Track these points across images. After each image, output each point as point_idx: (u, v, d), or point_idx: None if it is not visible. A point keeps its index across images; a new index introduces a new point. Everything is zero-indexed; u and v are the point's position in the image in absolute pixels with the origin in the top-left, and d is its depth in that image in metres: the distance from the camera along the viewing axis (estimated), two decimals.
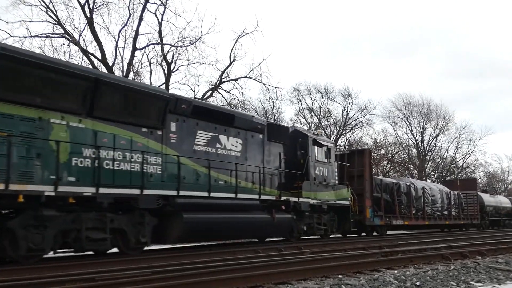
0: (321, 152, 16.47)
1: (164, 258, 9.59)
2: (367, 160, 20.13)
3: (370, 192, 19.78)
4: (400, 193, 22.25)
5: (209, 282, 5.99)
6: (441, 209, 26.12)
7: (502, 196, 42.58)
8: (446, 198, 26.97)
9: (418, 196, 23.73)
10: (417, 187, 24.04)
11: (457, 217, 27.76)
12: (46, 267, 8.00)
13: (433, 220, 24.93)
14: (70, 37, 23.25)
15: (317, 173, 16.07)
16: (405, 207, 22.48)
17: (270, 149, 14.66)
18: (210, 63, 27.05)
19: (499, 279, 7.68)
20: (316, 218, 15.94)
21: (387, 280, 6.95)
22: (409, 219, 22.51)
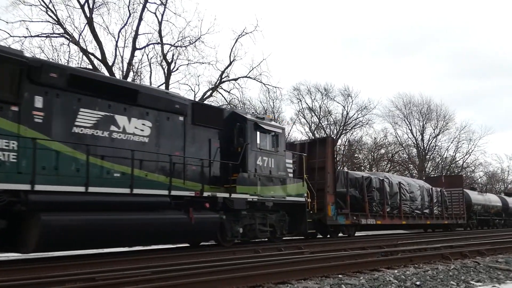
0: (266, 139, 13.82)
1: (164, 258, 9.59)
2: (330, 150, 17.61)
3: (333, 186, 17.33)
4: (371, 188, 19.77)
5: (209, 282, 5.99)
6: (421, 207, 23.46)
7: (491, 194, 40.38)
8: (427, 195, 24.29)
9: (393, 193, 21.07)
10: (392, 182, 21.36)
11: (440, 216, 25.28)
12: (46, 267, 8.00)
13: (411, 220, 22.34)
14: (70, 37, 23.27)
15: (259, 164, 13.33)
16: (377, 204, 19.94)
17: (195, 134, 12.00)
18: (210, 63, 27.08)
19: (499, 279, 7.68)
20: (259, 218, 13.41)
21: (387, 280, 6.96)
22: (382, 218, 20.01)
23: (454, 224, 27.31)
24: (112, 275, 6.66)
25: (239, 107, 29.52)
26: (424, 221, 23.62)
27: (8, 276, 6.79)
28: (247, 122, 13.20)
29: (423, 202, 23.71)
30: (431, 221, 24.14)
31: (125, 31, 24.85)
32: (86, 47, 23.82)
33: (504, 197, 38.43)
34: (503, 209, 36.18)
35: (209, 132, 12.48)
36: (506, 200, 37.59)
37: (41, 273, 7.30)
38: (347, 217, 17.85)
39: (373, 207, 19.55)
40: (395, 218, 20.99)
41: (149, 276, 6.51)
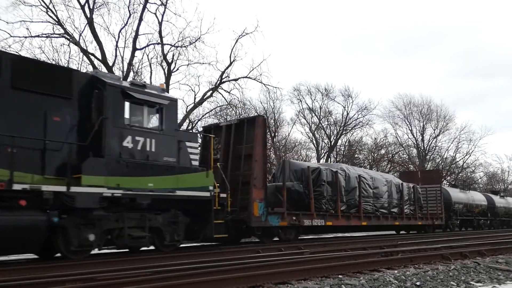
0: (143, 113, 10.56)
1: (164, 258, 9.58)
2: (259, 132, 13.88)
3: (262, 179, 13.79)
4: (320, 182, 16.21)
5: (209, 282, 5.99)
6: (389, 206, 20.04)
7: (476, 192, 37.48)
8: (396, 191, 20.79)
9: (351, 187, 17.68)
10: (349, 175, 17.85)
11: (412, 216, 21.98)
12: (46, 267, 8.00)
13: (374, 220, 18.88)
14: (70, 37, 23.27)
15: (127, 145, 9.94)
16: (328, 201, 16.43)
17: (17, 103, 8.83)
18: (210, 63, 27.13)
19: (499, 279, 7.68)
20: (133, 220, 10.16)
21: (387, 280, 6.96)
22: (334, 218, 16.53)
23: (430, 225, 24.22)
24: (112, 275, 6.66)
25: (240, 107, 29.45)
26: (392, 222, 20.26)
27: (8, 276, 6.79)
28: (107, 88, 9.85)
29: (391, 200, 20.26)
30: (400, 221, 20.86)
31: (125, 31, 24.89)
32: (86, 47, 23.85)
33: (489, 195, 35.71)
34: (488, 208, 33.39)
35: (45, 101, 9.25)
36: (492, 198, 34.86)
37: (41, 273, 7.30)
38: (283, 217, 14.30)
39: (322, 204, 16.06)
40: (353, 219, 17.56)
41: (149, 276, 6.51)
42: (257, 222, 13.42)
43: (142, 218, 10.36)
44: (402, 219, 20.98)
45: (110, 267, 8.03)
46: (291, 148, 42.35)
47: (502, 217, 35.77)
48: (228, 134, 14.35)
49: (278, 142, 41.62)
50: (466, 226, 31.02)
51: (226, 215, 12.25)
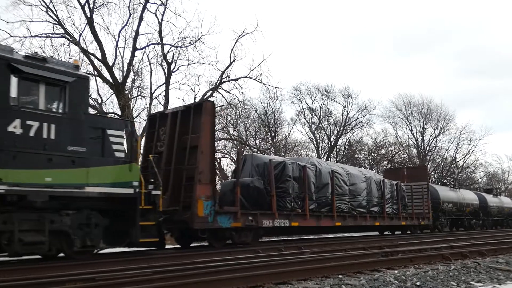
0: (39, 91, 8.64)
1: (164, 258, 9.59)
2: (207, 120, 12.12)
3: (210, 173, 11.96)
4: (285, 177, 14.30)
5: (209, 282, 5.98)
6: (368, 205, 18.29)
7: (467, 190, 35.71)
8: (376, 189, 19.04)
9: (322, 184, 15.89)
10: (320, 170, 16.04)
11: (395, 215, 20.20)
12: (46, 267, 8.00)
13: (351, 220, 17.08)
14: (70, 37, 23.30)
15: (12, 130, 8.15)
16: (294, 199, 14.56)
17: None
18: (210, 63, 27.14)
19: (499, 279, 7.67)
20: (22, 222, 8.32)
21: (387, 280, 6.95)
22: (301, 219, 14.73)
23: (416, 225, 22.60)
24: (112, 275, 6.66)
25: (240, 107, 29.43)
26: (371, 222, 18.44)
27: (8, 276, 6.79)
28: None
29: (370, 198, 18.45)
30: (381, 222, 19.09)
31: (126, 31, 24.90)
32: (86, 47, 23.86)
33: (482, 194, 34.06)
34: (480, 207, 31.79)
35: None
36: (485, 197, 33.23)
37: (41, 273, 7.29)
38: (236, 218, 12.48)
39: (287, 203, 14.25)
40: (324, 219, 15.74)
41: (149, 276, 6.51)
42: (202, 223, 11.51)
43: (41, 219, 8.47)
44: (384, 219, 19.18)
45: (110, 267, 8.03)
46: (291, 148, 42.35)
47: (495, 216, 34.44)
48: (173, 123, 12.40)
49: (278, 142, 41.64)
50: (457, 226, 29.71)
51: (159, 216, 10.42)
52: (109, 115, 24.44)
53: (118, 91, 23.67)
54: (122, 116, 23.28)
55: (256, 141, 38.65)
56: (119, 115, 24.05)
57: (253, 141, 38.27)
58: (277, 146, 39.52)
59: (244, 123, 37.93)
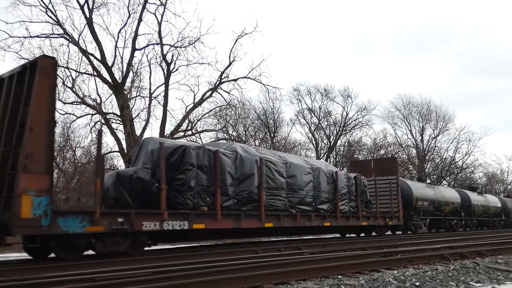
0: None
1: (164, 258, 9.58)
2: (42, 84, 8.37)
3: (45, 158, 8.31)
4: (185, 166, 10.98)
5: (209, 282, 5.99)
6: (314, 201, 15.02)
7: (447, 187, 33.06)
8: (327, 183, 15.80)
9: (245, 175, 12.46)
10: (242, 157, 12.58)
11: (354, 214, 17.04)
12: (46, 267, 8.00)
13: (288, 220, 13.62)
14: (69, 38, 23.31)
15: None
16: (199, 194, 11.16)
17: None
18: (209, 63, 27.06)
19: (498, 280, 7.68)
20: None
21: (386, 281, 6.96)
22: (209, 219, 11.18)
23: (382, 226, 19.64)
24: (112, 275, 6.66)
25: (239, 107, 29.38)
26: (319, 222, 15.09)
27: (8, 276, 6.79)
28: None
29: (318, 193, 15.23)
30: (333, 222, 15.77)
31: (125, 31, 24.92)
32: (85, 47, 23.88)
33: (464, 192, 31.16)
34: (462, 206, 28.68)
35: None
36: (468, 195, 30.27)
37: (41, 273, 7.30)
38: (93, 220, 8.97)
39: (187, 199, 10.89)
40: (247, 219, 12.24)
41: (149, 276, 6.51)
42: (29, 227, 8.03)
43: None
44: (336, 218, 15.90)
45: (110, 267, 8.02)
46: (290, 149, 42.37)
47: (480, 216, 31.54)
48: (8, 90, 8.96)
49: (277, 142, 41.65)
50: (437, 227, 27.09)
51: None
52: (108, 115, 24.47)
53: (117, 91, 23.68)
54: (121, 116, 23.30)
55: (256, 142, 38.67)
56: (118, 115, 24.07)
57: (253, 141, 38.29)
58: (277, 147, 39.54)
59: (244, 123, 37.96)
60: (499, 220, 34.84)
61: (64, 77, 23.63)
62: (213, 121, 30.77)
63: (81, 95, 24.37)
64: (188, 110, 26.73)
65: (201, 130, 28.38)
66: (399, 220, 20.27)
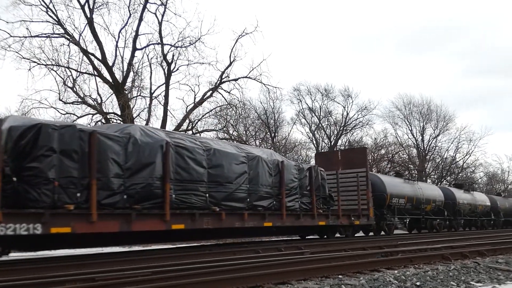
0: None
1: (164, 258, 9.59)
2: None
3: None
4: (40, 151, 8.31)
5: (209, 282, 5.99)
6: (249, 197, 12.32)
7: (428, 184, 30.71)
8: (269, 174, 13.09)
9: (141, 163, 9.83)
10: (138, 141, 9.91)
11: (306, 212, 14.37)
12: (46, 267, 8.00)
13: (210, 220, 11.08)
14: (70, 37, 23.28)
15: None
16: (64, 188, 8.48)
17: None
18: (210, 63, 27.01)
19: (499, 279, 7.68)
20: None
21: (387, 280, 6.96)
22: (78, 220, 8.53)
23: (347, 226, 17.07)
24: (112, 275, 6.66)
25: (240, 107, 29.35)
26: (256, 222, 12.48)
27: (8, 276, 6.79)
28: None
29: (255, 187, 12.56)
30: (276, 221, 13.12)
31: (125, 31, 24.88)
32: (86, 47, 23.85)
33: (449, 189, 28.65)
34: (446, 205, 26.23)
35: None
36: (453, 193, 27.76)
37: (41, 273, 7.29)
38: None
39: (42, 194, 8.23)
40: (143, 219, 9.60)
41: (149, 276, 6.51)
42: None
43: None
44: (281, 217, 13.23)
45: (110, 267, 8.03)
46: (291, 148, 42.39)
47: (467, 216, 29.06)
48: None
49: (278, 142, 41.66)
50: (418, 228, 24.60)
51: None
52: (109, 115, 24.47)
53: (118, 91, 23.67)
54: (122, 116, 23.29)
55: (256, 141, 38.68)
56: (119, 115, 24.06)
57: (253, 141, 38.29)
58: (277, 146, 39.55)
59: (244, 123, 37.95)
60: (488, 220, 32.34)
61: (64, 77, 23.67)
62: (213, 121, 30.77)
63: (81, 95, 24.39)
64: (188, 110, 26.74)
65: (202, 130, 28.37)
66: (369, 219, 17.74)
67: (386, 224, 20.50)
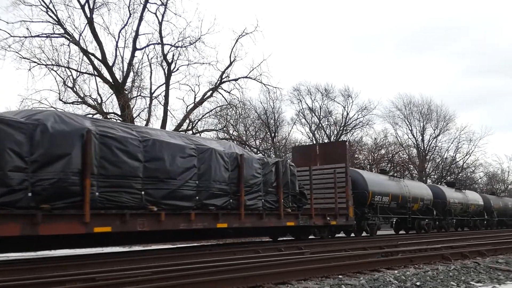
0: None
1: (164, 258, 9.59)
2: None
3: None
4: None
5: (209, 282, 5.99)
6: (199, 194, 10.86)
7: (416, 181, 29.24)
8: (225, 169, 11.62)
9: (52, 155, 8.28)
10: (49, 128, 8.35)
11: (271, 211, 12.91)
12: (46, 267, 8.00)
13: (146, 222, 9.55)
14: (70, 37, 23.29)
15: None
16: None
17: None
18: (210, 63, 27.00)
19: (499, 279, 7.68)
20: None
21: (387, 280, 6.95)
22: None
23: (322, 227, 15.48)
24: (112, 275, 6.66)
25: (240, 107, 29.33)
26: (206, 223, 11.00)
27: (8, 276, 6.79)
28: None
29: (206, 184, 11.07)
30: (233, 222, 11.71)
31: (126, 31, 24.89)
32: (86, 47, 23.86)
33: (439, 187, 27.38)
34: (435, 204, 24.68)
35: None
36: (443, 192, 26.21)
37: (41, 273, 7.29)
38: None
39: None
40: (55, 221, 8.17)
41: (149, 276, 6.51)
42: None
43: None
44: (239, 217, 11.79)
45: (110, 267, 8.03)
46: (291, 148, 42.37)
47: (458, 215, 27.70)
48: None
49: (278, 142, 41.66)
50: (406, 228, 23.11)
51: None
52: (109, 115, 24.47)
53: (118, 91, 23.68)
54: (122, 116, 23.30)
55: (256, 141, 38.71)
56: (119, 115, 24.07)
57: (253, 141, 38.32)
58: (277, 146, 39.55)
59: (244, 123, 37.99)
60: (481, 220, 30.87)
61: (64, 77, 23.67)
62: (213, 121, 30.79)
63: (82, 95, 24.40)
64: (188, 110, 26.75)
65: (202, 130, 28.38)
66: (348, 219, 16.25)
67: (368, 224, 18.96)
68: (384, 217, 20.71)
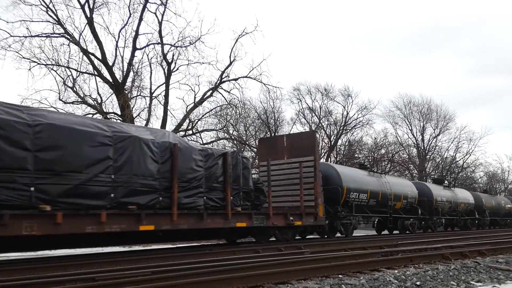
0: None
1: (164, 258, 9.59)
2: None
3: None
4: None
5: (209, 282, 5.99)
6: (116, 191, 9.20)
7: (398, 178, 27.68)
8: (152, 161, 10.01)
9: None
10: None
11: (216, 210, 11.36)
12: (46, 267, 8.00)
13: (35, 225, 7.80)
14: (70, 37, 23.27)
15: None
16: None
17: None
18: (210, 63, 27.03)
19: (499, 279, 7.68)
20: None
21: (387, 280, 6.95)
22: None
23: (284, 228, 13.79)
24: (112, 275, 6.66)
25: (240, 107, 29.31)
26: (124, 225, 9.30)
27: (8, 276, 6.79)
28: None
29: (126, 178, 9.45)
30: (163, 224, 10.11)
31: (125, 31, 24.87)
32: (86, 47, 23.84)
33: (425, 185, 25.76)
34: (420, 202, 23.08)
35: None
36: (429, 189, 24.73)
37: (41, 273, 7.30)
38: None
39: None
40: None
41: (149, 276, 6.51)
42: None
43: None
44: (171, 218, 10.19)
45: (110, 267, 8.03)
46: None
47: (446, 214, 26.06)
48: None
49: None
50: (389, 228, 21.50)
51: None
52: (109, 115, 24.47)
53: (118, 91, 23.66)
54: (122, 116, 23.30)
55: (256, 141, 38.66)
56: (119, 115, 24.06)
57: (253, 141, 38.28)
58: None
59: (244, 123, 37.94)
60: (472, 220, 29.34)
61: (64, 77, 23.64)
62: (213, 120, 30.76)
63: (81, 95, 24.38)
64: (188, 109, 26.74)
65: (202, 130, 28.36)
66: (317, 219, 14.55)
67: (342, 224, 17.06)
68: (362, 216, 19.15)
